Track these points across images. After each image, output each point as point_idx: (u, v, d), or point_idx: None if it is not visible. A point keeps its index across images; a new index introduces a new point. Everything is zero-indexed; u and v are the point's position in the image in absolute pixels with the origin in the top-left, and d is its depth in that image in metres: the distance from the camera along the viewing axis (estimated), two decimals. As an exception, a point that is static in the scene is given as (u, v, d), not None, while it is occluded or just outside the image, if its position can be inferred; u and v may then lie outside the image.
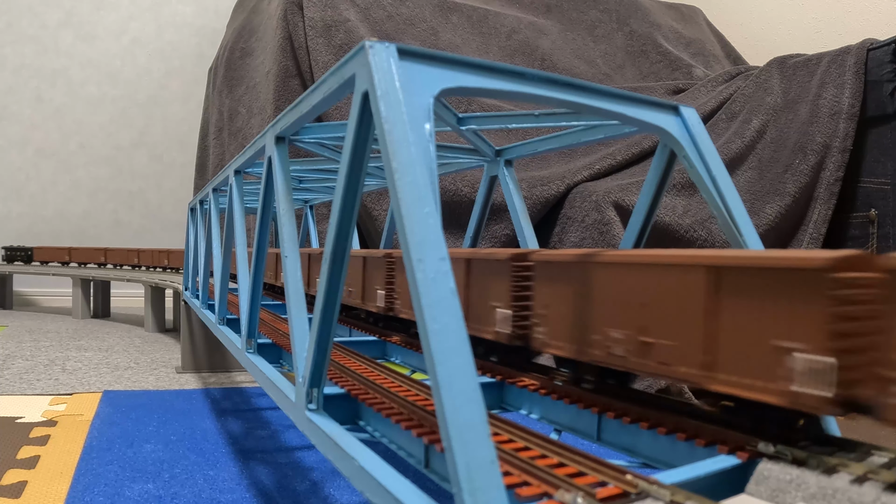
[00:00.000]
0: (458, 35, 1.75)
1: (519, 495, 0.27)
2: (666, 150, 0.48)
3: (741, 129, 1.43)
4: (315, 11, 1.52)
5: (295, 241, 0.45)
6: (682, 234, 1.22)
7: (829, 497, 0.26)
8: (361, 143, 0.33)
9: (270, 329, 0.72)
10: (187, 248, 1.27)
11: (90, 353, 1.51)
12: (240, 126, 1.79)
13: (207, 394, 1.11)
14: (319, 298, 0.37)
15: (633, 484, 0.26)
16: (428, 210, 0.27)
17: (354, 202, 0.35)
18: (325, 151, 0.67)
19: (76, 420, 0.92)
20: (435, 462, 0.35)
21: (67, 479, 0.69)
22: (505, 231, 1.29)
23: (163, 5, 2.74)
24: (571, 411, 0.42)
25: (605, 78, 1.90)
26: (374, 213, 1.35)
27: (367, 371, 0.51)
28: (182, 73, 2.75)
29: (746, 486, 0.29)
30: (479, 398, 0.24)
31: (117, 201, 2.71)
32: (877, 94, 1.34)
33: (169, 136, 2.76)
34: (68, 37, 2.66)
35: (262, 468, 0.74)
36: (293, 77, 1.54)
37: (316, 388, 0.39)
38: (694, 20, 2.28)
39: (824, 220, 1.33)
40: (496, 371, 0.49)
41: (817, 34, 2.16)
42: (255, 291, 0.59)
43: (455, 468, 0.23)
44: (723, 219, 0.45)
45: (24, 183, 2.63)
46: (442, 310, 0.25)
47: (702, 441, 0.33)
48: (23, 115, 2.62)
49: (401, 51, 0.31)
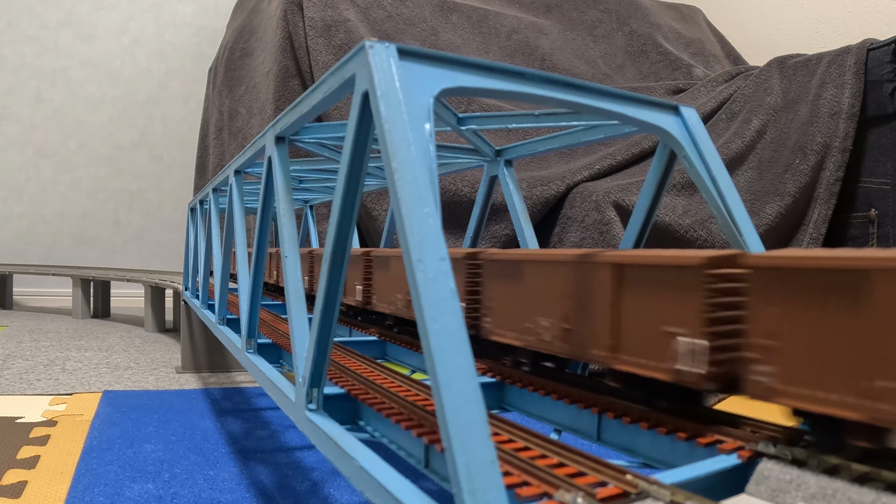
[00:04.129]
0: (458, 35, 1.75)
1: (519, 495, 0.27)
2: (666, 150, 0.48)
3: (741, 129, 1.43)
4: (315, 11, 1.52)
5: (295, 241, 0.45)
6: (682, 234, 1.22)
7: (829, 497, 0.26)
8: (361, 143, 0.33)
9: (270, 329, 0.72)
10: (187, 248, 1.27)
11: (90, 353, 1.51)
12: (240, 126, 1.79)
13: (207, 394, 1.11)
14: (319, 298, 0.37)
15: (633, 484, 0.26)
16: (428, 210, 0.27)
17: (354, 202, 0.35)
18: (325, 151, 0.67)
19: (76, 420, 0.92)
20: (435, 462, 0.35)
21: (67, 479, 0.69)
22: (505, 231, 1.29)
23: (163, 5, 2.74)
24: (571, 411, 0.42)
25: (605, 78, 1.90)
26: (374, 213, 1.35)
27: (367, 371, 0.51)
28: (182, 73, 2.76)
29: (746, 486, 0.29)
30: (479, 398, 0.24)
31: (117, 201, 2.72)
32: (877, 94, 1.34)
33: (169, 136, 2.76)
34: (68, 37, 2.66)
35: (262, 468, 0.74)
36: (293, 77, 1.54)
37: (316, 388, 0.39)
38: (694, 20, 2.28)
39: (824, 220, 1.33)
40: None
41: (817, 34, 2.16)
42: (255, 291, 0.59)
43: (455, 468, 0.23)
44: (723, 219, 0.45)
45: (24, 183, 2.63)
46: (442, 310, 0.25)
47: (702, 441, 0.33)
48: (23, 115, 2.62)
49: (401, 51, 0.31)
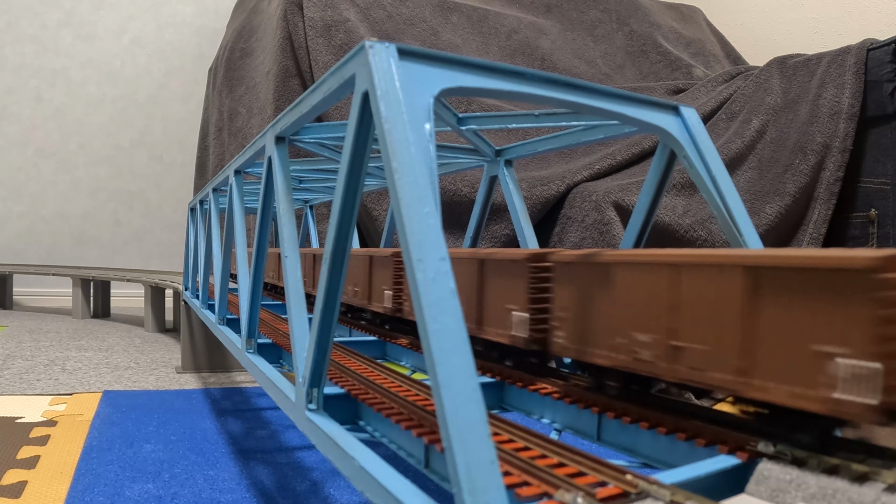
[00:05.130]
0: (458, 35, 1.75)
1: (519, 495, 0.27)
2: (666, 150, 0.48)
3: (741, 129, 1.43)
4: (315, 11, 1.52)
5: (295, 241, 0.45)
6: (682, 234, 1.22)
7: (829, 497, 0.26)
8: (361, 143, 0.33)
9: (270, 329, 0.72)
10: (187, 248, 1.27)
11: (90, 353, 1.51)
12: (240, 126, 1.79)
13: (207, 394, 1.11)
14: (319, 298, 0.37)
15: (633, 484, 0.26)
16: (428, 210, 0.27)
17: (354, 202, 0.35)
18: (325, 151, 0.67)
19: (76, 420, 0.92)
20: (435, 462, 0.35)
21: (67, 479, 0.69)
22: (505, 231, 1.29)
23: (163, 5, 2.74)
24: (571, 411, 0.42)
25: (605, 78, 1.90)
26: (374, 213, 1.35)
27: (367, 371, 0.51)
28: (182, 73, 2.76)
29: (746, 486, 0.29)
30: (479, 398, 0.24)
31: (117, 201, 2.71)
32: (877, 94, 1.34)
33: (169, 136, 2.76)
34: (68, 37, 2.66)
35: (262, 468, 0.74)
36: (293, 77, 1.54)
37: (316, 388, 0.39)
38: (694, 20, 2.28)
39: (824, 220, 1.33)
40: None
41: (817, 34, 2.16)
42: (255, 291, 0.59)
43: (455, 468, 0.23)
44: (723, 219, 0.45)
45: (24, 183, 2.63)
46: (442, 309, 0.25)
47: (702, 441, 0.33)
48: (23, 115, 2.62)
49: (401, 51, 0.31)
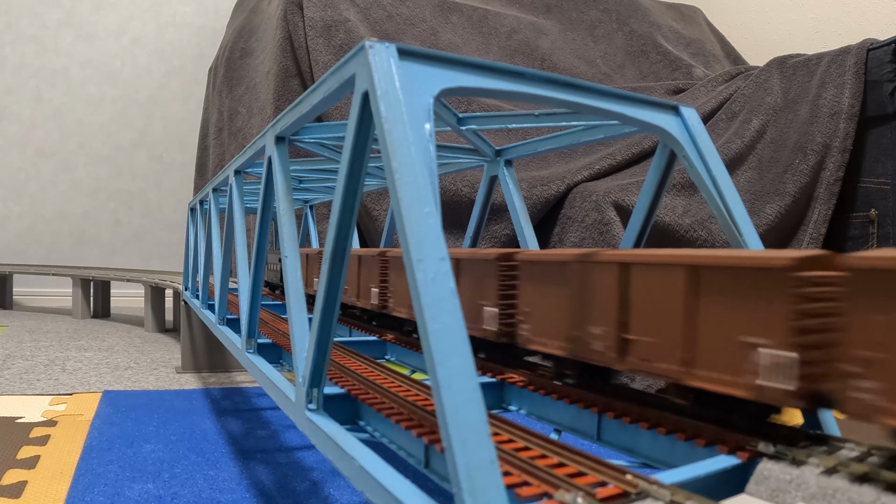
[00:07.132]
0: (458, 35, 1.75)
1: (519, 495, 0.27)
2: (666, 150, 0.48)
3: (741, 129, 1.43)
4: (315, 11, 1.52)
5: (295, 241, 0.45)
6: (682, 234, 1.22)
7: (829, 497, 0.26)
8: (361, 143, 0.33)
9: (270, 329, 0.72)
10: (187, 248, 1.27)
11: (90, 353, 1.51)
12: (240, 126, 1.79)
13: (207, 394, 1.11)
14: (319, 298, 0.37)
15: (633, 484, 0.26)
16: (428, 210, 0.27)
17: (354, 202, 0.35)
18: (325, 151, 0.67)
19: (76, 420, 0.92)
20: (435, 462, 0.35)
21: (67, 479, 0.69)
22: (505, 231, 1.29)
23: (163, 5, 2.74)
24: (571, 411, 0.42)
25: (605, 78, 1.90)
26: (374, 213, 1.35)
27: (367, 371, 0.51)
28: (182, 73, 2.75)
29: (746, 486, 0.29)
30: (479, 398, 0.24)
31: (117, 201, 2.71)
32: (877, 94, 1.34)
33: (169, 136, 2.76)
34: (68, 37, 2.66)
35: (262, 468, 0.74)
36: (293, 77, 1.54)
37: (316, 388, 0.39)
38: (694, 20, 2.28)
39: (824, 220, 1.33)
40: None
41: (817, 34, 2.16)
42: (255, 291, 0.59)
43: (455, 468, 0.23)
44: (723, 219, 0.45)
45: (24, 183, 2.63)
46: (442, 309, 0.25)
47: (702, 441, 0.33)
48: (23, 115, 2.62)
49: (401, 51, 0.31)
